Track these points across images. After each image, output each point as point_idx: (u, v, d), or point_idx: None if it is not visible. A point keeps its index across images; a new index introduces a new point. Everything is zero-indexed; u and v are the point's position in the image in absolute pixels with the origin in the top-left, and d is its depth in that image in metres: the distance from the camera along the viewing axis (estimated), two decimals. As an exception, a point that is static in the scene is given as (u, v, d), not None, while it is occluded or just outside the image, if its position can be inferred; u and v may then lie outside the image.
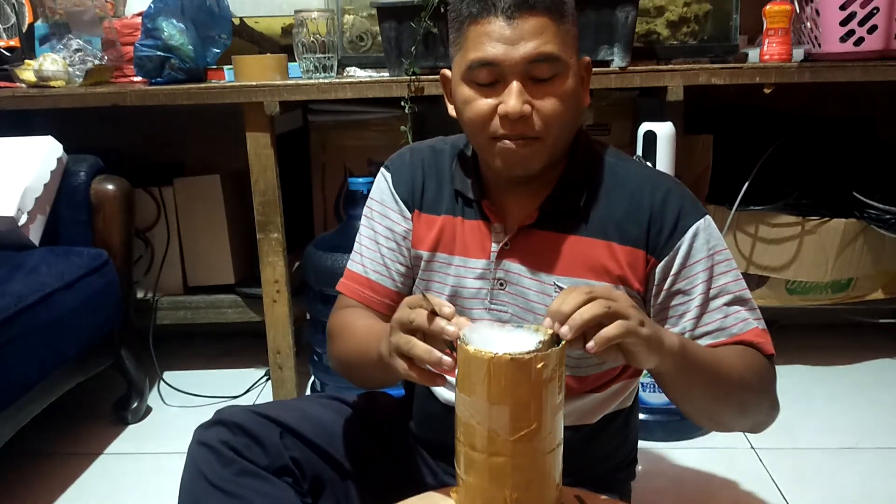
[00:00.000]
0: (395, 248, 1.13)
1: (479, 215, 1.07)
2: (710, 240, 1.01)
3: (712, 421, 1.04)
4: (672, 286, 1.00)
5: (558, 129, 0.97)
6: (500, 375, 0.75)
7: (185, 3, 1.95)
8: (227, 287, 2.28)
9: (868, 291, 2.14)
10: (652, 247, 1.00)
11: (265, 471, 1.02)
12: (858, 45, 1.77)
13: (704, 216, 1.01)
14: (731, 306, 1.00)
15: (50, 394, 1.77)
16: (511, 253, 1.04)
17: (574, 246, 1.02)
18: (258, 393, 2.21)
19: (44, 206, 1.90)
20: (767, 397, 1.00)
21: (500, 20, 0.93)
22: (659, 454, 1.83)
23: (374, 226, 1.15)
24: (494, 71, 0.94)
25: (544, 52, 0.93)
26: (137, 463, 1.86)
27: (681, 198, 1.02)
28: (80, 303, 1.80)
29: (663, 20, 1.92)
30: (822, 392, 2.08)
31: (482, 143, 1.00)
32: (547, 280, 1.02)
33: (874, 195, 1.99)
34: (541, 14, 0.93)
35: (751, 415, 1.01)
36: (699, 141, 2.06)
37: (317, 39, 1.91)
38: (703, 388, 0.93)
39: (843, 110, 2.27)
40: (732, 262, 1.03)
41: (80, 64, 2.07)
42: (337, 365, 1.14)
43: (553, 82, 0.95)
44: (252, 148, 1.93)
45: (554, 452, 0.81)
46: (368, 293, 1.13)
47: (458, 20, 0.98)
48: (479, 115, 0.97)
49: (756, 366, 0.98)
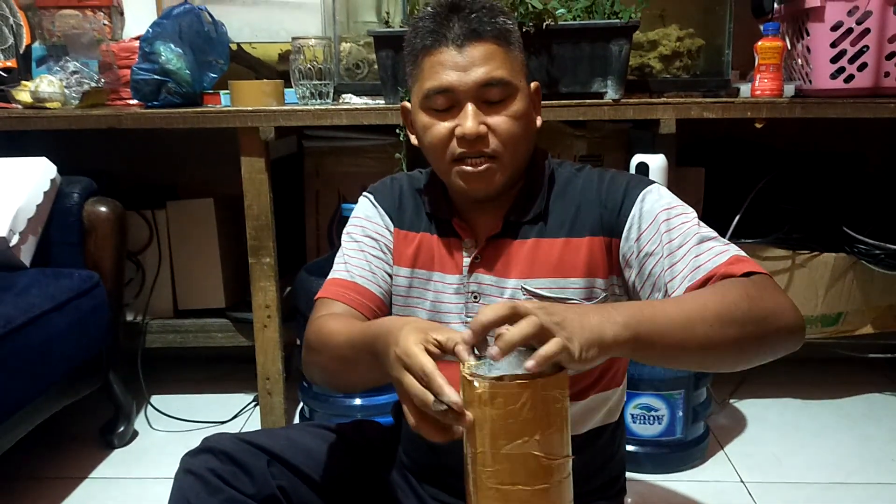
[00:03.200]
0: (380, 256, 1.15)
1: (450, 233, 1.11)
2: (661, 199, 1.03)
3: (721, 366, 0.92)
4: (639, 253, 1.01)
5: (513, 146, 1.03)
6: (495, 394, 0.75)
7: (182, 28, 1.97)
8: (217, 311, 2.27)
9: (857, 326, 2.15)
10: (608, 229, 1.05)
11: (252, 499, 1.01)
12: (848, 81, 1.79)
13: (652, 184, 1.05)
14: (701, 244, 0.97)
15: (36, 416, 1.75)
16: (481, 264, 1.08)
17: (536, 248, 1.06)
18: (246, 418, 2.19)
19: (36, 227, 1.89)
20: (765, 312, 0.87)
21: (452, 49, 1.00)
22: (648, 486, 1.82)
23: (357, 238, 1.16)
24: (450, 97, 1.01)
25: (495, 76, 1.00)
26: (123, 488, 1.84)
27: (626, 179, 1.07)
28: (70, 325, 1.79)
29: (656, 54, 1.94)
30: (812, 426, 2.08)
31: (443, 167, 1.06)
32: (514, 285, 1.06)
33: (864, 230, 2.00)
34: (489, 42, 1.00)
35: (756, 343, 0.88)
36: (691, 174, 2.08)
37: (313, 66, 1.93)
38: (678, 348, 0.84)
39: (834, 146, 2.29)
40: (690, 211, 1.03)
41: (76, 86, 2.08)
42: (319, 374, 1.08)
43: (505, 104, 1.02)
44: (246, 172, 1.93)
45: (561, 466, 0.78)
46: (353, 295, 1.11)
47: (413, 53, 1.06)
48: (438, 139, 1.03)
49: (736, 291, 0.88)
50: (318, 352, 1.04)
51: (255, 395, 2.17)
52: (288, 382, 2.09)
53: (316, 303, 1.12)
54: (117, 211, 1.98)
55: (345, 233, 1.18)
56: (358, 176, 2.25)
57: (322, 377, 1.09)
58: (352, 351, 0.96)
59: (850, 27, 1.77)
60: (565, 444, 0.78)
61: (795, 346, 0.91)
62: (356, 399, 1.95)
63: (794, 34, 1.90)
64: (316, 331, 1.05)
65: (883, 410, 2.20)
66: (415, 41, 1.05)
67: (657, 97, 1.89)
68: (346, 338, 0.97)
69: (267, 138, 1.88)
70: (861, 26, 1.76)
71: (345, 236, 1.18)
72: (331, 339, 1.01)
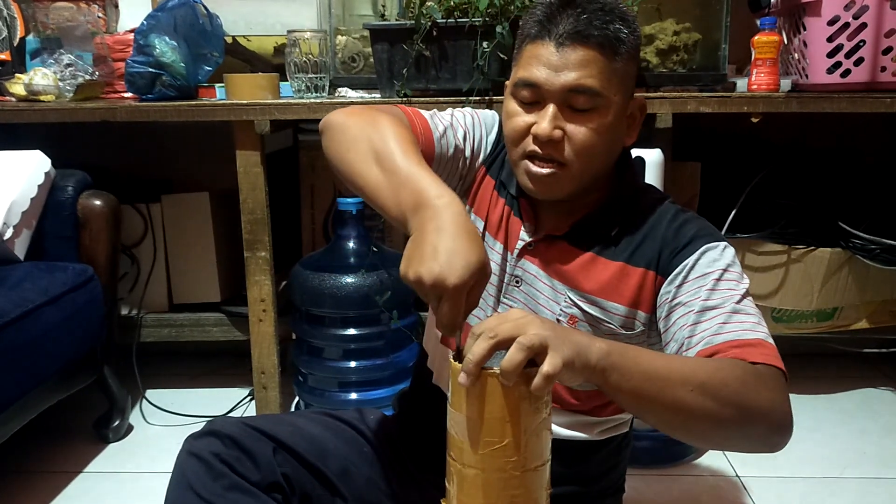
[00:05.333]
0: (460, 165, 1.13)
1: (516, 210, 1.10)
2: (721, 260, 0.98)
3: (688, 435, 0.89)
4: (674, 299, 0.98)
5: (586, 159, 0.99)
6: (474, 389, 0.76)
7: (177, 21, 1.96)
8: (212, 305, 2.26)
9: (853, 321, 2.15)
10: (661, 267, 1.01)
11: (256, 486, 1.01)
12: (845, 76, 1.79)
13: (720, 241, 1.00)
14: (733, 314, 0.92)
15: (30, 411, 1.74)
16: (533, 254, 1.08)
17: (592, 264, 1.04)
18: (241, 413, 2.18)
19: (30, 221, 1.88)
20: (753, 404, 0.83)
21: (552, 46, 0.97)
22: (645, 481, 1.82)
23: (467, 126, 1.13)
24: (536, 92, 0.99)
25: (584, 84, 0.96)
26: (117, 482, 1.83)
27: (698, 226, 1.03)
28: (64, 319, 1.78)
29: (653, 48, 1.94)
30: (807, 421, 2.09)
31: (515, 158, 1.04)
32: (560, 289, 1.05)
33: (859, 225, 2.01)
34: (591, 48, 0.96)
35: (730, 429, 0.84)
36: (687, 168, 2.08)
37: (309, 59, 1.92)
38: (649, 398, 0.81)
39: (830, 141, 2.29)
40: (743, 282, 0.97)
41: (70, 79, 2.07)
42: (355, 135, 0.98)
43: (590, 114, 0.98)
44: (241, 166, 1.93)
45: (536, 472, 0.80)
46: (424, 146, 1.06)
47: (521, 36, 1.03)
48: (515, 130, 1.01)
49: (733, 373, 0.84)
50: (366, 128, 0.97)
51: (251, 390, 2.17)
52: (283, 377, 2.08)
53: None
54: (112, 204, 1.97)
55: (468, 111, 1.16)
56: (354, 170, 2.24)
57: (338, 153, 1.00)
58: (390, 166, 0.91)
59: (846, 22, 1.76)
60: (539, 443, 0.80)
61: (773, 449, 0.87)
62: (352, 394, 1.96)
63: (791, 29, 1.90)
64: (384, 120, 0.98)
65: (878, 405, 2.20)
66: (525, 26, 1.02)
67: (653, 91, 1.89)
68: (402, 152, 0.92)
69: (262, 132, 1.88)
70: (858, 21, 1.76)
71: (466, 112, 1.16)
72: (391, 136, 0.95)
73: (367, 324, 1.93)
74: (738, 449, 0.89)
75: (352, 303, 1.89)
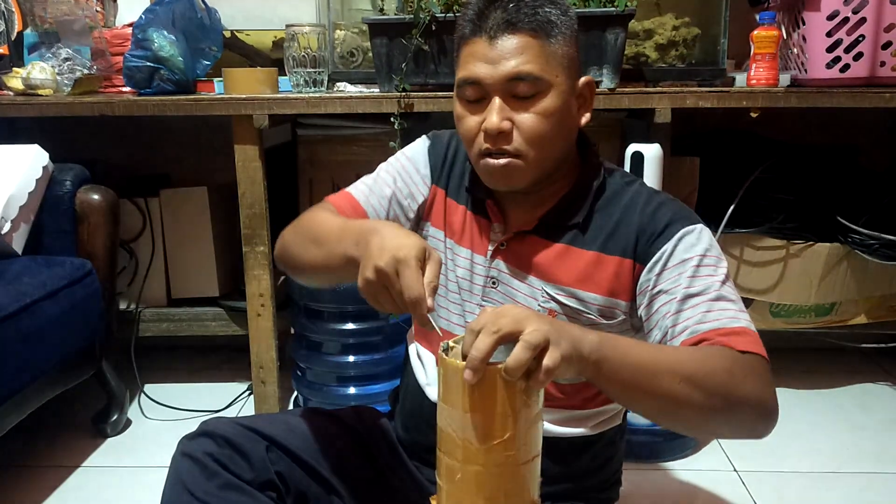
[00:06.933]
0: (404, 203, 1.16)
1: (483, 213, 1.11)
2: (699, 244, 0.98)
3: (676, 424, 0.92)
4: (655, 287, 0.98)
5: (539, 145, 1.00)
6: (475, 384, 0.76)
7: (176, 15, 1.95)
8: (211, 300, 2.27)
9: (851, 316, 2.16)
10: (639, 254, 1.01)
11: (249, 485, 1.01)
12: (844, 71, 1.79)
13: (696, 224, 1.00)
14: (716, 301, 0.94)
15: (28, 405, 1.74)
16: (505, 253, 1.08)
17: (566, 256, 1.05)
18: (240, 407, 2.19)
19: (28, 215, 1.88)
20: (739, 393, 0.86)
21: (485, 40, 0.98)
22: (642, 475, 1.83)
23: (394, 171, 1.18)
24: (479, 89, 1.00)
25: (523, 70, 0.97)
26: (116, 477, 1.84)
27: (672, 210, 1.02)
28: (62, 313, 1.78)
29: (652, 43, 1.93)
30: (805, 416, 2.09)
31: (472, 158, 1.05)
32: (536, 285, 1.06)
33: (858, 220, 2.01)
34: (523, 34, 0.97)
35: (718, 418, 0.87)
36: (686, 163, 2.07)
37: (308, 54, 1.91)
38: (639, 389, 0.83)
39: (828, 136, 2.29)
40: (722, 266, 0.98)
41: (68, 73, 2.07)
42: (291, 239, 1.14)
43: (534, 100, 0.99)
44: (240, 161, 1.92)
45: (529, 464, 0.80)
46: (354, 217, 1.13)
47: (456, 39, 1.04)
48: (467, 132, 1.03)
49: (720, 363, 0.86)
50: (298, 228, 1.12)
51: (249, 384, 2.17)
52: (282, 371, 2.08)
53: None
54: (110, 199, 1.96)
55: (390, 160, 1.21)
56: (352, 164, 2.24)
57: (282, 248, 1.15)
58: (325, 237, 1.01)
59: (846, 16, 1.76)
60: (534, 436, 0.80)
61: (759, 436, 0.91)
62: (350, 388, 1.96)
63: (790, 23, 1.90)
64: (309, 215, 1.13)
65: (876, 400, 2.21)
66: (459, 28, 1.03)
67: (652, 86, 1.89)
68: (328, 223, 1.05)
69: (260, 126, 1.87)
70: (857, 15, 1.76)
71: (388, 162, 1.20)
72: (318, 221, 1.08)
73: (366, 318, 1.93)
74: (724, 436, 0.92)
75: (350, 297, 1.89)
